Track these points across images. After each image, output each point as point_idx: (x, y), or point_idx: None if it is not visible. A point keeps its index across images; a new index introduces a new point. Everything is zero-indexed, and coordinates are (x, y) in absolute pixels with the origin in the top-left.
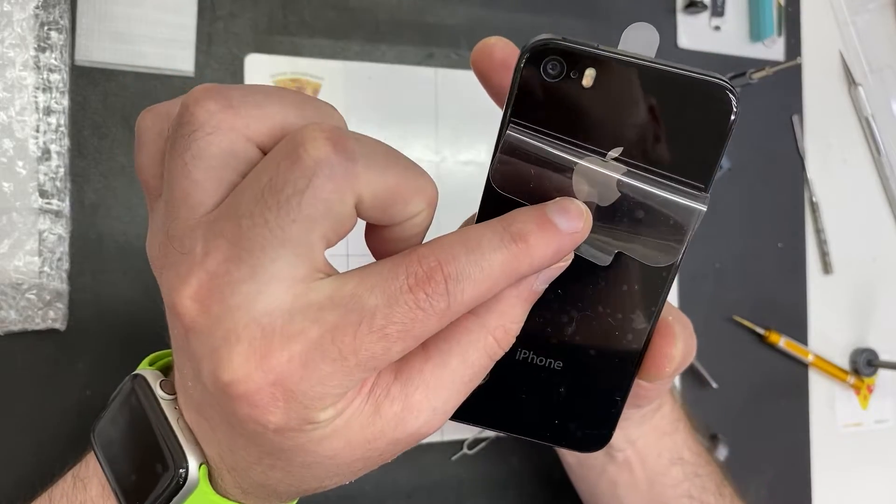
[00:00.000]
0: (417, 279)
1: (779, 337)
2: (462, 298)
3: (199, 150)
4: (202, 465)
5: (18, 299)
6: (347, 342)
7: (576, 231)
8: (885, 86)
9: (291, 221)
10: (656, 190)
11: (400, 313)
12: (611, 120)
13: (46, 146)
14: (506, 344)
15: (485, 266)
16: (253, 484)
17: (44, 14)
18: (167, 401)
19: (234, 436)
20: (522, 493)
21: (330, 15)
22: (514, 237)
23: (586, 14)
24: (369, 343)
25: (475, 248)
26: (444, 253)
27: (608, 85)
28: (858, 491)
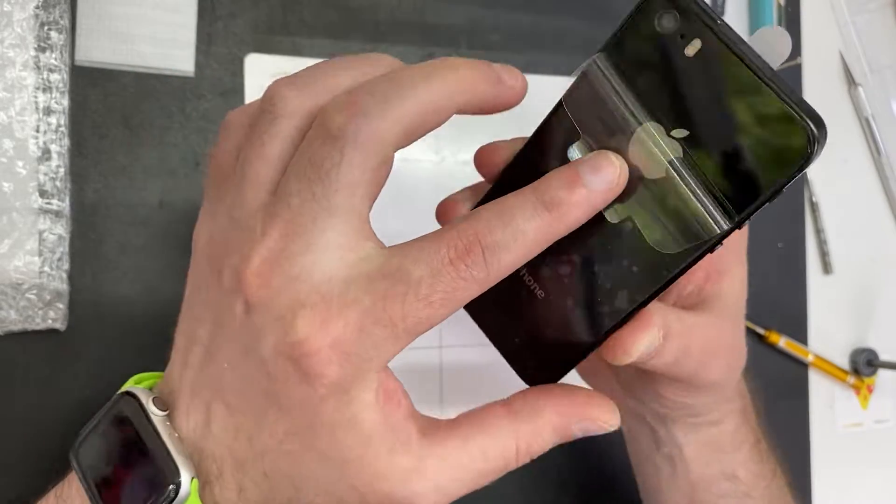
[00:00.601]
0: (458, 252)
1: (778, 337)
2: (500, 266)
3: (274, 132)
4: (193, 478)
5: (18, 299)
6: (397, 309)
7: (609, 188)
8: (885, 86)
9: (335, 191)
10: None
11: (443, 283)
12: (693, 99)
13: (46, 146)
14: (522, 460)
15: (519, 236)
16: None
17: (44, 14)
18: (159, 417)
19: (268, 408)
20: (522, 493)
21: (330, 15)
22: (548, 205)
23: (587, 14)
24: (416, 310)
25: (510, 220)
26: (481, 226)
27: (707, 67)
28: (858, 491)
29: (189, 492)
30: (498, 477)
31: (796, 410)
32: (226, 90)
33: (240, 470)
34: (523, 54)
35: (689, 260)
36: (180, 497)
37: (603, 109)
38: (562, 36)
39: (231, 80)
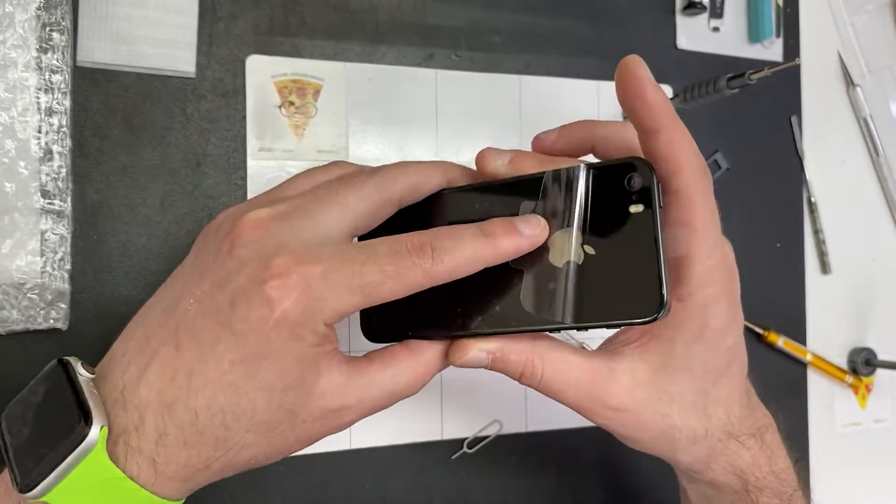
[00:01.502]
0: (415, 245)
1: (777, 337)
2: (442, 264)
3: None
4: (103, 427)
5: (20, 299)
6: (356, 267)
7: (530, 241)
8: (883, 86)
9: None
10: (567, 288)
11: (398, 262)
12: (609, 235)
13: (48, 147)
14: (419, 382)
15: (460, 247)
16: (183, 421)
17: (45, 15)
18: (84, 378)
19: (221, 338)
20: (522, 493)
21: (331, 16)
22: (486, 233)
23: (586, 16)
24: (372, 273)
25: (457, 236)
26: (435, 235)
27: (632, 223)
28: (857, 490)
29: (96, 440)
30: (403, 398)
31: (795, 410)
32: (227, 91)
33: (166, 412)
34: (523, 55)
35: (534, 326)
36: (86, 445)
37: (561, 200)
38: (561, 37)
39: (232, 80)
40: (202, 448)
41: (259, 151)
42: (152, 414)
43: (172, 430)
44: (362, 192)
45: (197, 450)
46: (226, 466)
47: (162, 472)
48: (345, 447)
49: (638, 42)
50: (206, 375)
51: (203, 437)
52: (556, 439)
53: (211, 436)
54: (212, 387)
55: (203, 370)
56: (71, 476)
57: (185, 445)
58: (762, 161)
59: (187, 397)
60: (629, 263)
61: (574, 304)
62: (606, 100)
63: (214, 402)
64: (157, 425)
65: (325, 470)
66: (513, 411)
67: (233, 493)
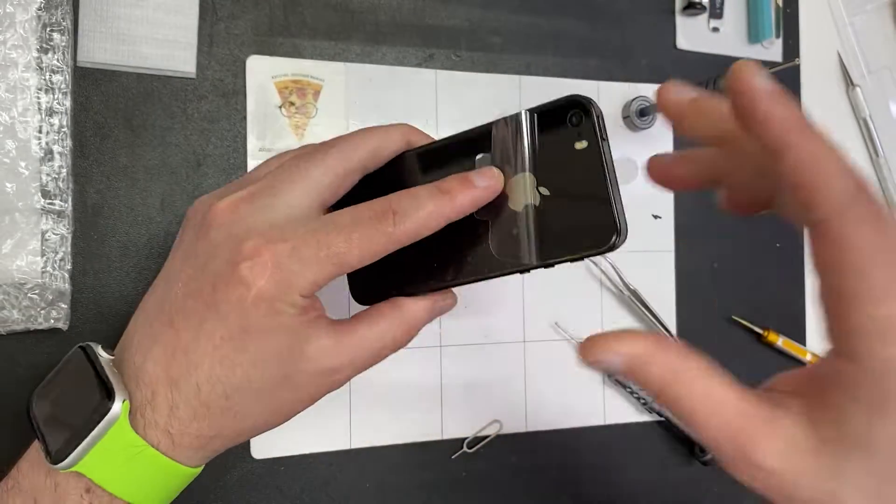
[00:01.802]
0: (376, 212)
1: (777, 336)
2: (404, 227)
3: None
4: (124, 401)
5: (21, 299)
6: (322, 239)
7: (487, 192)
8: (882, 87)
9: (315, 166)
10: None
11: (362, 229)
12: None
13: (49, 147)
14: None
15: (420, 208)
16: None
17: (46, 16)
18: (105, 358)
19: (207, 317)
20: (522, 492)
21: (331, 17)
22: (443, 191)
23: (585, 16)
24: (338, 243)
25: (415, 196)
26: (395, 199)
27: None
28: None
29: (119, 413)
30: (392, 353)
31: None
32: (227, 91)
33: (173, 387)
34: (523, 56)
35: (505, 271)
36: (110, 417)
37: (511, 147)
38: (561, 38)
39: (233, 81)
40: (210, 418)
41: (259, 152)
42: (162, 389)
43: (181, 403)
44: (325, 164)
45: (206, 420)
46: (235, 433)
47: (178, 442)
48: (345, 447)
49: (638, 42)
50: (201, 351)
51: (209, 409)
52: (556, 439)
53: (216, 406)
54: (208, 361)
55: (197, 347)
56: (98, 446)
57: (194, 417)
58: None
59: (188, 373)
60: (582, 198)
61: (537, 244)
62: (606, 100)
63: (213, 374)
64: (167, 399)
65: (325, 470)
66: (513, 411)
67: (233, 492)
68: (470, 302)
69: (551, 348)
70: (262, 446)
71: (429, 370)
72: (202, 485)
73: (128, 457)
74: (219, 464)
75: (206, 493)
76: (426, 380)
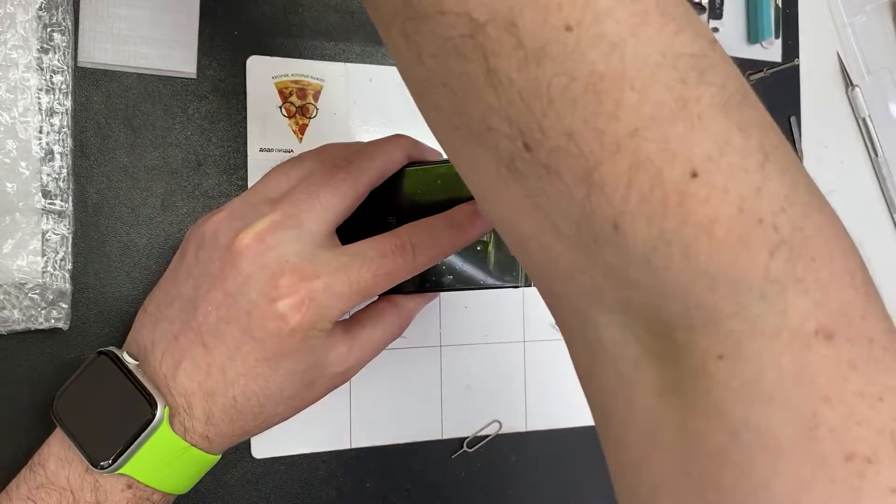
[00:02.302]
0: (397, 246)
1: None
2: (423, 260)
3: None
4: (165, 407)
5: (22, 299)
6: (352, 275)
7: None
8: (882, 87)
9: (332, 195)
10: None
11: (385, 264)
12: None
13: (49, 147)
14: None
15: (436, 242)
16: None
17: (46, 16)
18: (133, 364)
19: (244, 342)
20: (521, 492)
21: (331, 17)
22: (455, 224)
23: None
24: (366, 277)
25: (431, 229)
26: (414, 233)
27: None
28: None
29: (162, 418)
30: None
31: None
32: (228, 91)
33: (209, 399)
34: None
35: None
36: (155, 423)
37: None
38: None
39: (233, 81)
40: (244, 422)
41: (260, 152)
42: (198, 401)
43: (217, 412)
44: (340, 191)
45: (240, 423)
46: (261, 429)
47: (214, 441)
48: (345, 447)
49: None
50: (237, 370)
51: (243, 415)
52: (556, 439)
53: (249, 413)
54: (244, 379)
55: (233, 366)
56: (142, 450)
57: (230, 423)
58: None
59: (225, 388)
60: None
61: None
62: None
63: (248, 389)
64: (204, 409)
65: (325, 470)
66: (512, 411)
67: (233, 491)
68: (470, 302)
69: (551, 348)
70: (262, 446)
71: (429, 370)
72: (202, 485)
73: (171, 457)
74: (219, 464)
75: (207, 493)
76: (426, 380)
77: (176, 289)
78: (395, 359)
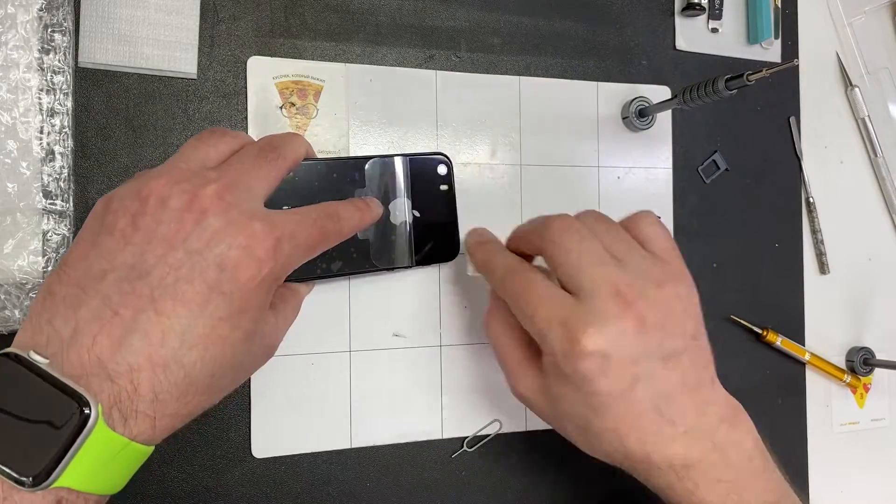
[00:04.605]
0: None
1: (776, 336)
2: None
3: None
4: (98, 405)
5: (22, 299)
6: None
7: (377, 213)
8: (881, 87)
9: (269, 171)
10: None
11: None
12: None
13: (50, 147)
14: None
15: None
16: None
17: (47, 16)
18: (45, 363)
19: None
20: (521, 491)
21: (331, 18)
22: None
23: (585, 18)
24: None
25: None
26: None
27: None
28: (855, 489)
29: (97, 417)
30: None
31: (793, 409)
32: (228, 92)
33: (161, 371)
34: (522, 57)
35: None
36: (90, 425)
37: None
38: (560, 39)
39: (233, 82)
40: (193, 396)
41: None
42: (146, 376)
43: (168, 387)
44: (275, 167)
45: (187, 399)
46: (203, 406)
47: (158, 424)
48: (345, 447)
49: (637, 43)
50: (198, 332)
51: (194, 387)
52: (556, 438)
53: (201, 384)
54: (203, 342)
55: (194, 328)
56: (77, 458)
57: (178, 398)
58: (761, 162)
59: (181, 355)
60: (440, 222)
61: (409, 251)
62: (605, 100)
63: (206, 354)
64: (152, 385)
65: (325, 469)
66: (513, 410)
67: (233, 491)
68: (470, 302)
69: None
70: (263, 446)
71: (429, 370)
72: (202, 484)
73: (108, 457)
74: (219, 464)
75: (206, 493)
76: (426, 380)
77: (106, 262)
78: (395, 359)
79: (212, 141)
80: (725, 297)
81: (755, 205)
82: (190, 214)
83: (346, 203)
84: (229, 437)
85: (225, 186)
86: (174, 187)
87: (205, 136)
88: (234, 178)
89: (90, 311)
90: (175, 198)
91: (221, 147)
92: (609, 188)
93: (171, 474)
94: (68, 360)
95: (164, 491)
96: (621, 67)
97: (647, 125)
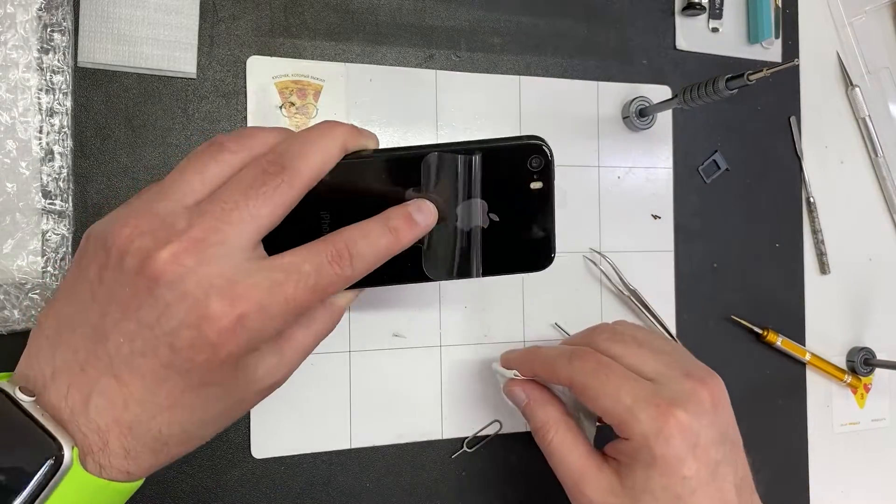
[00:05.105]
0: (333, 257)
1: (776, 336)
2: (360, 267)
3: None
4: (73, 447)
5: (22, 299)
6: (289, 292)
7: (427, 225)
8: (881, 87)
9: (262, 206)
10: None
11: (322, 277)
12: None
13: (49, 147)
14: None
15: (374, 249)
16: (147, 439)
17: (47, 16)
18: (29, 402)
19: (167, 376)
20: (521, 491)
21: (331, 17)
22: (391, 230)
23: (586, 17)
24: (302, 294)
25: (367, 236)
26: (349, 239)
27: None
28: (855, 489)
29: (71, 461)
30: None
31: (794, 409)
32: (228, 92)
33: (129, 434)
34: (522, 56)
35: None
36: (64, 467)
37: (463, 175)
38: (560, 38)
39: (233, 81)
40: (169, 450)
41: None
42: (115, 437)
43: (138, 447)
44: (271, 201)
45: (165, 451)
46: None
47: (135, 475)
48: (345, 447)
49: (637, 43)
50: (159, 403)
51: (168, 445)
52: None
53: (176, 441)
54: (168, 411)
55: (154, 400)
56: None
57: (152, 453)
58: (761, 161)
59: (147, 421)
60: (530, 228)
61: (477, 260)
62: (605, 100)
63: (174, 419)
64: (122, 444)
65: (325, 470)
66: (513, 411)
67: (233, 491)
68: (470, 302)
69: None
70: (263, 446)
71: (429, 370)
72: (202, 485)
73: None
74: (219, 464)
75: (206, 493)
76: (426, 380)
77: (78, 313)
78: (395, 359)
79: (201, 162)
80: (725, 297)
81: (755, 205)
82: (142, 280)
83: (375, 224)
84: (229, 437)
85: (190, 243)
86: (135, 241)
87: (197, 154)
88: (209, 227)
89: (63, 360)
90: (131, 256)
91: (213, 169)
92: (609, 188)
93: (170, 474)
94: (48, 401)
95: (164, 491)
96: (621, 67)
97: (647, 125)
